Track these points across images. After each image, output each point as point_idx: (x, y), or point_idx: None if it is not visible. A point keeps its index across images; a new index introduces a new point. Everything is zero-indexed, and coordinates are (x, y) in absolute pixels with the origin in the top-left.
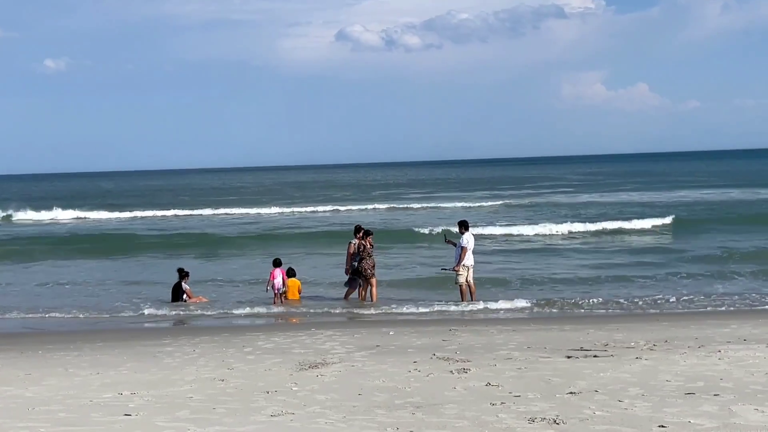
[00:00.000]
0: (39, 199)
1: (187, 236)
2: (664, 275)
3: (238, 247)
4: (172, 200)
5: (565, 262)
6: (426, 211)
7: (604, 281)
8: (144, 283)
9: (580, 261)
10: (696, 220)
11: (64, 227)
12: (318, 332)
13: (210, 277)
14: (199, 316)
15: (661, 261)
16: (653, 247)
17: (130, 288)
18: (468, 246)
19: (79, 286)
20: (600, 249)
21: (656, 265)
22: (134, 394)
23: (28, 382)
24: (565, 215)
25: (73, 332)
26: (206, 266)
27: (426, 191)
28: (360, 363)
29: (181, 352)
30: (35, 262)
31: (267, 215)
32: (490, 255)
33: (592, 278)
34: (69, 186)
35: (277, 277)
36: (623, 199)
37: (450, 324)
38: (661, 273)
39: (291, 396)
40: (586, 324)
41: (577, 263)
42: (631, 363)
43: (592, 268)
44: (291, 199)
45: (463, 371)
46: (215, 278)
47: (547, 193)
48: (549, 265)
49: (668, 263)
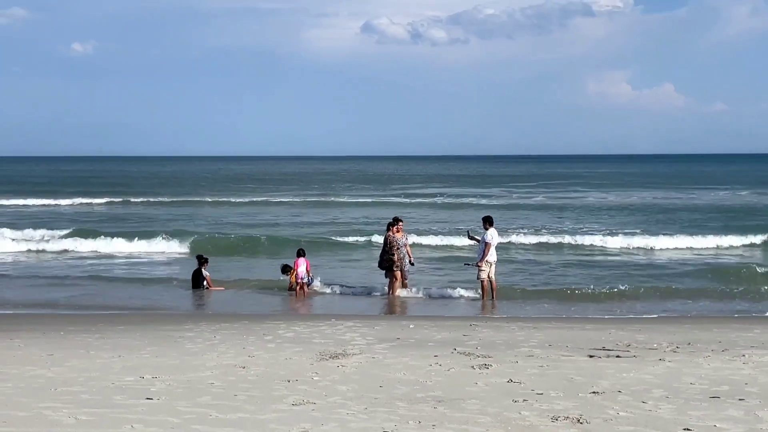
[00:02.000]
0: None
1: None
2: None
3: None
4: (216, 187)
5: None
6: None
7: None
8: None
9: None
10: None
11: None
12: (338, 323)
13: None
14: (219, 301)
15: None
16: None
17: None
18: (492, 242)
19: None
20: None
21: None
22: (156, 378)
23: (50, 362)
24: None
25: (95, 315)
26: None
27: (486, 187)
28: (381, 355)
29: (202, 338)
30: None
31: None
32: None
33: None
34: (105, 168)
35: (300, 266)
36: (712, 202)
37: (470, 319)
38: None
39: (312, 386)
40: (608, 324)
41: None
42: (654, 364)
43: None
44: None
45: (484, 367)
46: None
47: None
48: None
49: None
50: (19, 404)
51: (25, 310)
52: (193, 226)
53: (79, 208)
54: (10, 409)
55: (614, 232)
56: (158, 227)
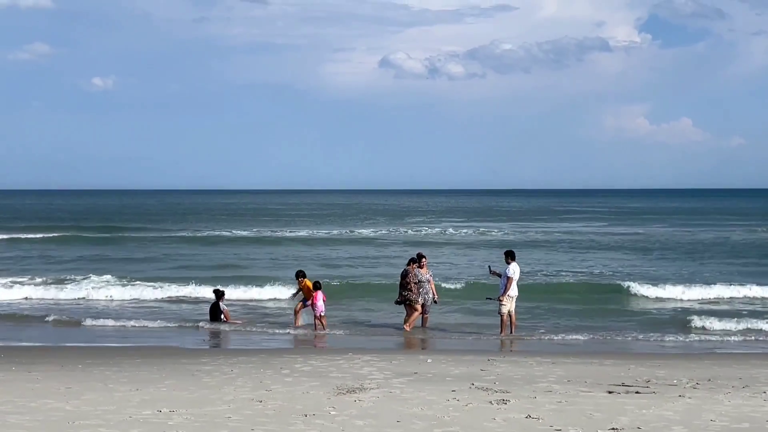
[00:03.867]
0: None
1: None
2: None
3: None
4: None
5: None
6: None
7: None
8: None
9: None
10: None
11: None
12: (355, 357)
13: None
14: (236, 335)
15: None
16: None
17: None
18: (514, 276)
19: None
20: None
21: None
22: (173, 412)
23: (68, 396)
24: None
25: (113, 348)
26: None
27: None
28: (398, 389)
29: (219, 371)
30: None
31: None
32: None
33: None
34: (137, 202)
35: (318, 299)
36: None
37: (488, 354)
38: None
39: (329, 420)
40: (627, 359)
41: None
42: (674, 401)
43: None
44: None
45: (502, 402)
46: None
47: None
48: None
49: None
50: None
51: (41, 343)
52: (288, 267)
53: (157, 249)
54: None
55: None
56: (260, 270)
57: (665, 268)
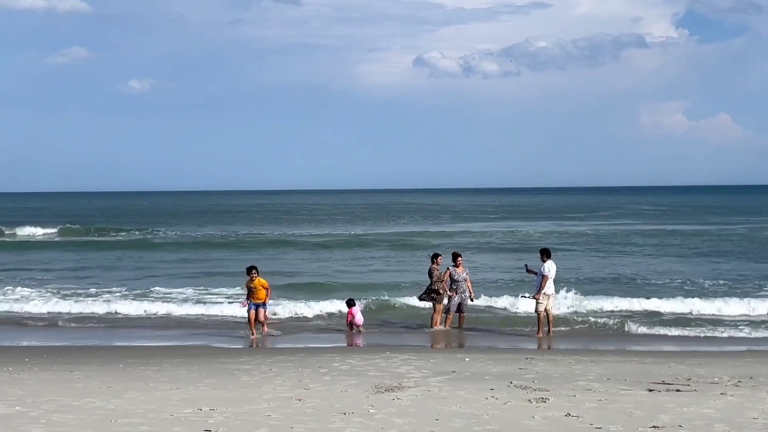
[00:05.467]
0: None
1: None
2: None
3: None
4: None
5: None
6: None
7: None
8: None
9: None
10: None
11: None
12: (393, 356)
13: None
14: (273, 335)
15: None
16: None
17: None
18: (549, 274)
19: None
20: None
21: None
22: (213, 410)
23: (110, 394)
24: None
25: (152, 348)
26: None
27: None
28: (436, 388)
29: (258, 370)
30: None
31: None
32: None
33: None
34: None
35: (357, 314)
36: None
37: (526, 352)
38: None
39: (368, 418)
40: (667, 357)
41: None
42: (716, 399)
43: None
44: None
45: (541, 400)
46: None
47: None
48: None
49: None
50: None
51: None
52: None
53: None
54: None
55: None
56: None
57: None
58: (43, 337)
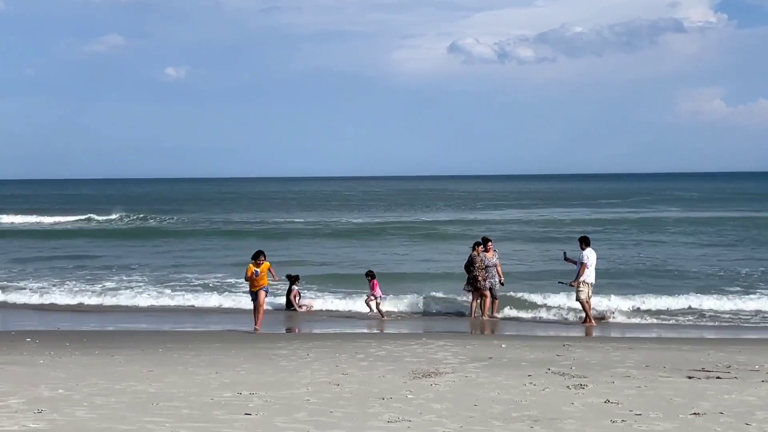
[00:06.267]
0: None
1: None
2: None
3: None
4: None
5: None
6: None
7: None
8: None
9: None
10: None
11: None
12: (429, 342)
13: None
14: (310, 320)
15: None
16: None
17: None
18: (587, 262)
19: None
20: None
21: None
22: (253, 395)
23: (150, 378)
24: None
25: (190, 333)
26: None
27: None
28: (473, 374)
29: (296, 355)
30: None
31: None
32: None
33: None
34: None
35: (377, 287)
36: None
37: (563, 339)
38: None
39: (406, 403)
40: (706, 345)
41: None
42: (757, 386)
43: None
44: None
45: (580, 387)
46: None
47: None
48: None
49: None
50: (124, 419)
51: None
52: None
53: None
54: (116, 422)
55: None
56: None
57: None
58: (78, 322)
